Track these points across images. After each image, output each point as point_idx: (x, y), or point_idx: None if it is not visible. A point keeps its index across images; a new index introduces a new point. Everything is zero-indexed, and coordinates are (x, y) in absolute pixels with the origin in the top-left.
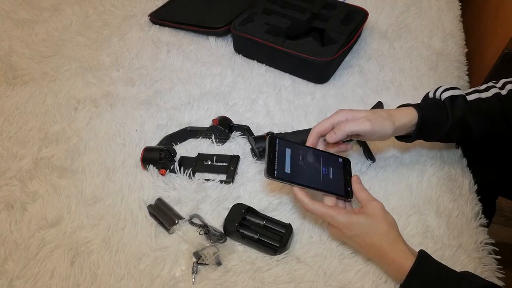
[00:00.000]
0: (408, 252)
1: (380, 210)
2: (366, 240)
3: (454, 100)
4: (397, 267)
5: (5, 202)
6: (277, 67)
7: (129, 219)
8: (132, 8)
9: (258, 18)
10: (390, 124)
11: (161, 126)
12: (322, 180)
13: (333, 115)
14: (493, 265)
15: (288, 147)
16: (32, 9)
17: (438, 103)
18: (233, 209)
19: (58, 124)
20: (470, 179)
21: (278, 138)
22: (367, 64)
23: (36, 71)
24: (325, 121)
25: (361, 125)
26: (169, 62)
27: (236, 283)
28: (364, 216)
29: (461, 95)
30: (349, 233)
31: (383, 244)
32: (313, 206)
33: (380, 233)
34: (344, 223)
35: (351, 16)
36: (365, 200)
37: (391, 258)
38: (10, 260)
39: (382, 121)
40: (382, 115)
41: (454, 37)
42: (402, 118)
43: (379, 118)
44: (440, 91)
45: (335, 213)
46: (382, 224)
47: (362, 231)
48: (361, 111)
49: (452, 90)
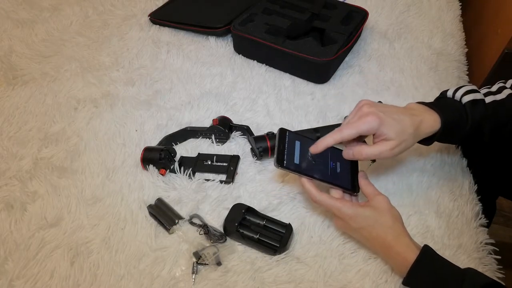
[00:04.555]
0: (412, 245)
1: (385, 203)
2: (371, 233)
3: (475, 104)
4: (401, 260)
5: (5, 202)
6: (277, 67)
7: (129, 219)
8: (132, 8)
9: (258, 18)
10: (413, 142)
11: (161, 126)
12: (329, 173)
13: (362, 124)
14: (493, 265)
15: (298, 140)
16: (32, 9)
17: (459, 107)
18: (233, 209)
19: (58, 124)
20: (470, 179)
21: (288, 131)
22: (367, 64)
23: (36, 71)
24: (353, 129)
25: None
26: (169, 62)
27: (236, 283)
28: (370, 209)
29: (481, 100)
30: (354, 225)
31: (388, 237)
32: (320, 197)
33: (385, 226)
34: (350, 215)
35: (351, 16)
36: (371, 194)
37: (396, 251)
38: (10, 260)
39: (406, 144)
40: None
41: (454, 37)
42: (427, 129)
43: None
44: (461, 93)
45: (342, 205)
46: (387, 217)
47: (368, 223)
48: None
49: (474, 93)
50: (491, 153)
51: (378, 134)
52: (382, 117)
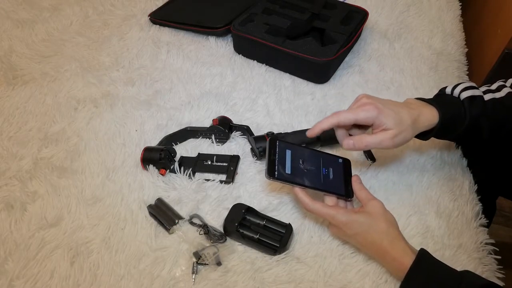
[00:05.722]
0: (408, 250)
1: (379, 208)
2: (366, 239)
3: (473, 100)
4: (398, 265)
5: (5, 202)
6: (277, 67)
7: (129, 219)
8: (132, 8)
9: (258, 18)
10: (412, 134)
11: (161, 126)
12: (322, 180)
13: (361, 111)
14: (493, 265)
15: (289, 148)
16: (32, 9)
17: (457, 102)
18: (233, 209)
19: (58, 124)
20: (470, 179)
21: (278, 140)
22: (367, 64)
23: (36, 71)
24: (351, 114)
25: (383, 143)
26: (169, 62)
27: (236, 283)
28: (364, 215)
29: (479, 96)
30: (349, 232)
31: (383, 242)
32: (314, 206)
33: (380, 232)
34: (344, 222)
35: (351, 16)
36: (365, 199)
37: (392, 256)
38: (10, 260)
39: (405, 135)
40: (407, 124)
41: (454, 37)
42: (425, 123)
43: (402, 133)
44: (460, 89)
45: (335, 212)
46: (381, 222)
47: (363, 229)
48: (388, 118)
49: (472, 90)
50: (491, 153)
51: (377, 124)
52: (381, 107)
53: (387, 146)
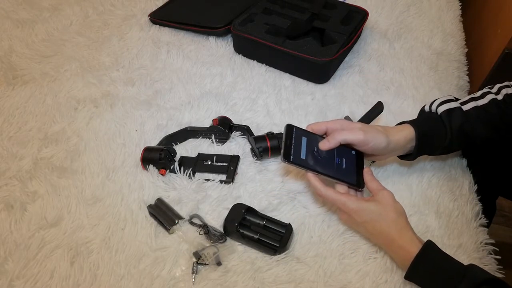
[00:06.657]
0: (415, 239)
1: (389, 198)
2: (375, 227)
3: (451, 113)
4: (404, 254)
5: (5, 202)
6: (277, 67)
7: (129, 219)
8: (132, 8)
9: (258, 18)
10: (383, 136)
11: (161, 126)
12: (335, 169)
13: (330, 121)
14: (493, 265)
15: (305, 136)
16: (32, 9)
17: (435, 117)
18: (233, 209)
19: (58, 124)
20: (470, 179)
21: (295, 127)
22: (367, 64)
23: (36, 71)
24: (321, 123)
25: (354, 134)
26: (169, 62)
27: (236, 283)
28: (374, 203)
29: (457, 107)
30: (359, 219)
31: (391, 231)
32: (326, 191)
33: (389, 221)
34: (354, 209)
35: (351, 16)
36: (375, 189)
37: (399, 245)
38: (10, 260)
39: (376, 133)
40: (377, 128)
41: (454, 37)
42: (397, 133)
43: (373, 131)
44: (436, 104)
45: (346, 199)
46: (391, 212)
47: (372, 217)
48: (357, 123)
49: (448, 103)
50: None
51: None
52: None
53: (358, 137)
